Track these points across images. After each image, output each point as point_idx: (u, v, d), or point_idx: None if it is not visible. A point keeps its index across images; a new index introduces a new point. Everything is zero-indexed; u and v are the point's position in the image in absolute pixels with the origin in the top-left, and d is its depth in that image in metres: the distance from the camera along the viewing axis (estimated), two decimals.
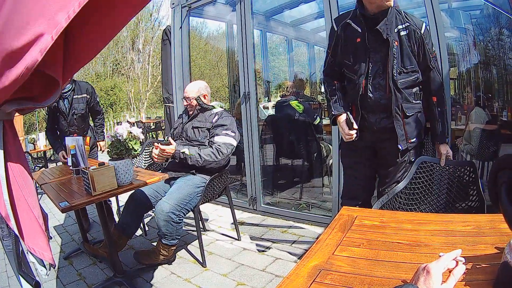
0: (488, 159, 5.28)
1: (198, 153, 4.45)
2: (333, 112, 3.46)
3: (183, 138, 4.87)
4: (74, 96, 5.83)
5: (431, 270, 1.33)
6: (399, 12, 3.24)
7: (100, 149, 6.48)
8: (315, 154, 6.77)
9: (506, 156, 1.43)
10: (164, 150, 4.43)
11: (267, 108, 8.08)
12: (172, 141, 4.62)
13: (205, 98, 4.91)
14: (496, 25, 6.72)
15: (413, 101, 3.26)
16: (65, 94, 5.74)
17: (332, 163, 5.44)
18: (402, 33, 3.17)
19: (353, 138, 3.29)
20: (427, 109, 3.38)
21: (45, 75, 1.62)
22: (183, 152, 4.44)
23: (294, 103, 6.65)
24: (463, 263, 1.47)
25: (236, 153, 5.13)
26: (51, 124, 6.06)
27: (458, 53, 7.35)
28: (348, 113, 3.31)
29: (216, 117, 4.76)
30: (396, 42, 3.14)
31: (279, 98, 7.58)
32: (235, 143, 4.67)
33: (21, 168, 1.82)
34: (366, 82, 3.25)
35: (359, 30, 3.25)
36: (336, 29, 3.45)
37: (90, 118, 6.35)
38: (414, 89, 3.28)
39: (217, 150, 4.49)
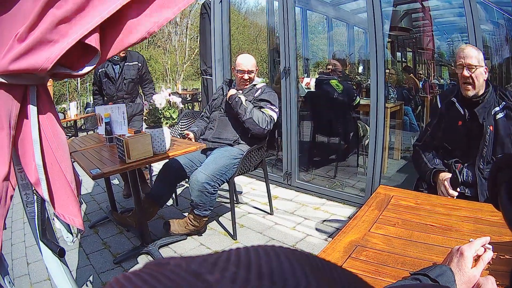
0: None
1: (250, 108, 4.50)
2: (432, 166, 3.22)
3: (221, 109, 4.89)
4: (126, 63, 5.93)
5: (464, 252, 1.37)
6: (497, 90, 3.06)
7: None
8: (351, 134, 6.74)
9: (506, 156, 1.46)
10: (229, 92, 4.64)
11: (309, 88, 8.07)
12: (191, 134, 4.77)
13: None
14: None
15: None
16: (116, 61, 5.87)
17: (368, 144, 5.45)
18: (499, 116, 2.97)
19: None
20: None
21: (83, 45, 1.64)
22: (239, 97, 4.52)
23: (334, 82, 6.62)
24: (491, 250, 1.49)
25: (274, 127, 5.17)
26: (98, 89, 6.19)
27: (492, 46, 7.28)
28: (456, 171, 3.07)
29: (259, 91, 4.79)
30: (491, 127, 2.96)
31: (317, 76, 7.58)
32: (276, 118, 4.70)
33: (55, 133, 1.86)
34: (461, 167, 3.11)
35: (462, 112, 3.11)
36: (439, 106, 3.32)
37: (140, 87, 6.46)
38: None
39: (263, 117, 4.52)
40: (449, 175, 3.06)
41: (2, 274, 1.94)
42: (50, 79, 1.85)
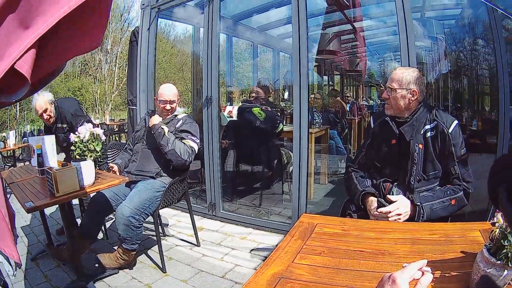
0: None
1: (172, 139, 4.48)
2: (361, 189, 3.23)
3: (143, 141, 4.85)
4: (58, 125, 5.84)
5: (397, 279, 1.31)
6: (430, 110, 3.11)
7: None
8: (275, 161, 6.77)
9: (506, 156, 1.42)
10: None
11: (231, 116, 8.04)
12: (115, 167, 4.74)
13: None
14: (471, 35, 6.78)
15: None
16: (50, 125, 5.86)
17: (292, 170, 5.45)
18: (428, 134, 3.04)
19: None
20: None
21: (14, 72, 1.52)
22: (162, 128, 4.50)
23: (256, 110, 6.64)
24: (430, 272, 1.41)
25: (196, 158, 5.08)
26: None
27: (428, 62, 7.40)
28: (380, 199, 3.09)
29: (181, 122, 4.77)
30: (420, 145, 3.02)
31: (240, 104, 7.56)
32: (197, 149, 4.70)
33: None
34: (391, 186, 3.13)
35: (396, 131, 3.13)
36: (372, 125, 3.37)
37: None
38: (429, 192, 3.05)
39: (185, 149, 4.51)
40: (375, 200, 3.08)
41: None
42: None
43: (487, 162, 1.92)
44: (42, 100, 5.57)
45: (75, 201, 5.68)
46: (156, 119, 4.63)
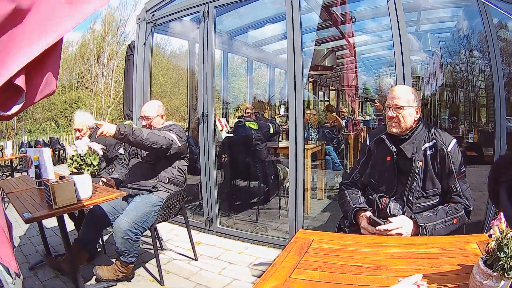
0: None
1: (144, 131, 4.21)
2: (354, 206, 3.21)
3: (138, 156, 4.88)
4: None
5: None
6: (429, 129, 3.17)
7: None
8: (272, 176, 6.77)
9: (506, 156, 1.43)
10: (101, 127, 4.05)
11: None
12: (112, 180, 4.83)
13: (162, 118, 4.96)
14: (467, 47, 6.80)
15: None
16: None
17: (288, 186, 5.44)
18: (428, 152, 3.07)
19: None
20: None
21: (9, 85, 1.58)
22: (125, 126, 4.09)
23: (248, 123, 6.72)
24: (426, 286, 1.44)
25: (193, 173, 5.07)
26: None
27: (423, 76, 7.41)
28: (371, 215, 3.02)
29: (165, 127, 4.82)
30: (421, 163, 3.04)
31: (236, 119, 7.58)
32: (176, 140, 4.57)
33: None
34: (388, 201, 3.13)
35: (391, 148, 3.16)
36: (368, 144, 3.39)
37: None
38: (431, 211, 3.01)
39: (164, 135, 4.41)
40: (369, 213, 3.07)
41: None
42: None
43: (484, 174, 1.95)
44: (80, 120, 5.75)
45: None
46: (108, 126, 4.08)
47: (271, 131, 6.75)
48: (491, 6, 4.68)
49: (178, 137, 4.64)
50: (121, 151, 6.13)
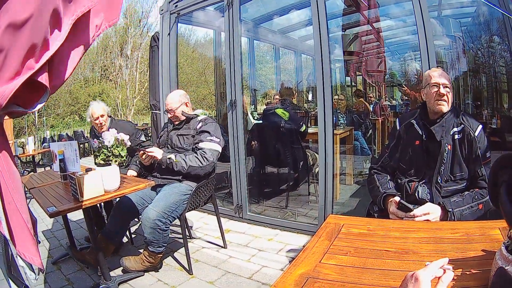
0: None
1: (184, 159, 4.42)
2: (383, 191, 3.23)
3: (168, 146, 4.86)
4: None
5: (419, 277, 1.32)
6: (457, 114, 3.15)
7: None
8: (301, 162, 6.74)
9: (507, 155, 1.44)
10: (152, 152, 4.46)
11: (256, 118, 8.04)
12: (156, 148, 4.64)
13: (187, 106, 4.93)
14: (487, 33, 6.71)
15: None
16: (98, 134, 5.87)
17: (318, 171, 5.43)
18: (456, 136, 3.07)
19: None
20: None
21: (32, 82, 1.60)
22: (169, 158, 4.41)
23: (279, 110, 6.66)
24: (451, 270, 1.44)
25: (222, 161, 5.11)
26: None
27: (447, 61, 7.34)
28: (400, 199, 2.98)
29: (200, 124, 4.75)
30: (449, 146, 3.06)
31: (265, 107, 7.56)
32: (219, 148, 4.66)
33: (11, 172, 1.78)
34: (416, 185, 3.14)
35: (420, 132, 3.19)
36: (398, 128, 3.40)
37: None
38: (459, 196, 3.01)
39: (201, 155, 4.47)
40: (397, 198, 3.05)
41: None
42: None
43: None
44: (100, 106, 5.76)
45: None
46: (157, 152, 4.55)
47: (302, 129, 6.68)
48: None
49: (217, 140, 4.64)
50: (143, 138, 6.19)
